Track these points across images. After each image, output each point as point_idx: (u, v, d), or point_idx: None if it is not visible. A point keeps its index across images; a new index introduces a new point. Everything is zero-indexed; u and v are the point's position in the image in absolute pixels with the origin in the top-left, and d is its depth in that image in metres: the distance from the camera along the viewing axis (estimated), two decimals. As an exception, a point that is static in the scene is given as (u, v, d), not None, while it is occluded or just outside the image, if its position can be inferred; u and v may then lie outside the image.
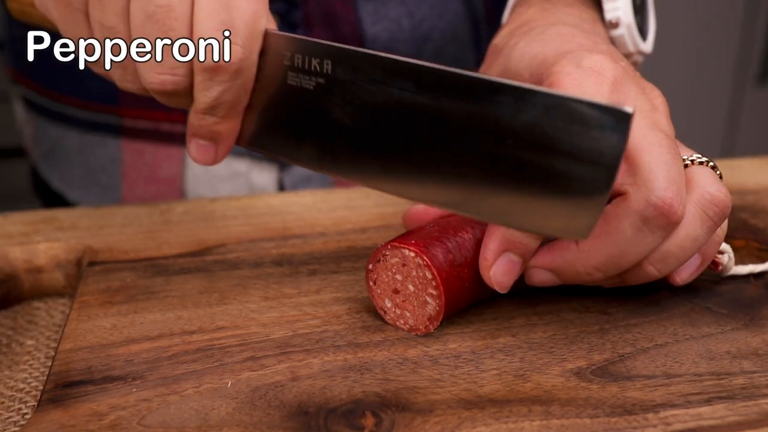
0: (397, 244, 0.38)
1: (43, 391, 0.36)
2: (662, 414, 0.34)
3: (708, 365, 0.37)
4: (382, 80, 0.35)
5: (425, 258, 0.37)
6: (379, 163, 0.36)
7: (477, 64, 0.68)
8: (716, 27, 1.98)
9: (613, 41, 0.49)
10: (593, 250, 0.37)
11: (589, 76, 0.37)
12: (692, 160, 0.39)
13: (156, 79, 0.37)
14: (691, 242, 0.37)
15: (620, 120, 0.30)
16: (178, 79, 0.38)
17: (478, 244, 0.39)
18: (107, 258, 0.47)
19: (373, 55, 0.35)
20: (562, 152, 0.31)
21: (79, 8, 0.39)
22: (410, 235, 0.39)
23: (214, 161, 0.41)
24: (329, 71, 0.36)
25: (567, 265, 0.38)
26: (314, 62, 0.37)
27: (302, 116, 0.38)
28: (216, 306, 0.42)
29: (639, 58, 0.51)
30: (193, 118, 0.39)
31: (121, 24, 0.38)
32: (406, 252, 0.38)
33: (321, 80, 0.37)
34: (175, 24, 0.36)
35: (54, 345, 0.43)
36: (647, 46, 0.51)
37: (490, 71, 0.44)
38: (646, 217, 0.36)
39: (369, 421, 0.34)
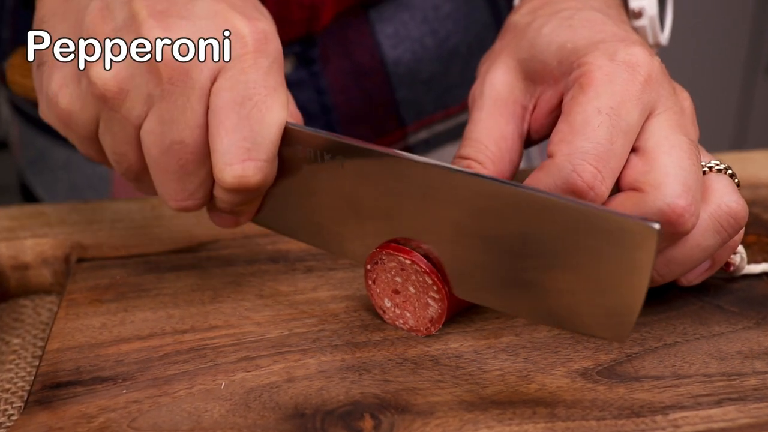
0: (392, 252, 0.38)
1: (29, 392, 0.36)
2: (671, 416, 0.34)
3: (719, 365, 0.37)
4: (394, 175, 0.36)
5: (422, 265, 0.37)
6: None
7: None
8: (726, 18, 1.97)
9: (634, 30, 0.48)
10: None
11: (622, 71, 0.36)
12: (710, 167, 0.38)
13: (175, 205, 0.39)
14: (700, 252, 0.37)
15: (649, 235, 0.30)
16: (198, 203, 0.39)
17: None
18: (96, 254, 0.47)
19: (385, 154, 0.36)
20: (587, 260, 0.32)
21: (85, 135, 0.39)
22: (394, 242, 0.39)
23: (236, 226, 0.42)
24: (342, 165, 0.38)
25: None
26: (326, 156, 0.38)
27: (317, 204, 0.40)
28: (209, 304, 0.42)
29: (654, 51, 0.51)
30: (216, 202, 0.40)
31: (133, 152, 0.38)
32: (402, 259, 0.37)
33: (333, 172, 0.38)
34: (191, 157, 0.37)
35: (41, 344, 0.43)
36: (664, 38, 0.50)
37: (512, 53, 0.42)
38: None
39: (367, 424, 0.33)
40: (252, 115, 0.36)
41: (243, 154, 0.36)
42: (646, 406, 0.34)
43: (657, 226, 0.30)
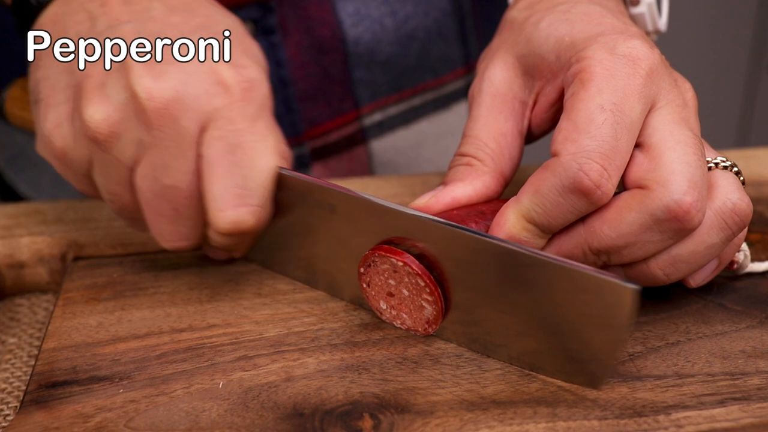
0: (384, 253, 0.38)
1: (25, 392, 0.36)
2: (674, 416, 0.34)
3: (722, 365, 0.37)
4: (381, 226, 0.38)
5: (414, 267, 0.37)
6: None
7: (464, 62, 0.68)
8: (730, 14, 1.97)
9: (632, 20, 0.48)
10: (599, 231, 0.36)
11: (623, 64, 0.36)
12: (716, 163, 0.38)
13: (169, 245, 0.40)
14: (705, 249, 0.37)
15: (627, 296, 0.32)
16: (192, 243, 0.40)
17: None
18: (93, 253, 0.47)
19: (374, 203, 0.37)
20: (568, 315, 0.34)
21: (80, 174, 0.40)
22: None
23: (230, 257, 0.43)
24: (333, 210, 0.39)
25: (574, 248, 0.37)
26: (317, 201, 0.39)
27: (310, 246, 0.41)
28: (207, 303, 0.42)
29: (654, 38, 0.51)
30: (210, 241, 0.41)
31: (126, 193, 0.40)
32: (395, 261, 0.37)
33: (326, 216, 0.39)
34: (185, 201, 0.38)
35: (37, 343, 0.43)
36: (663, 23, 0.50)
37: (510, 49, 0.43)
38: (658, 218, 0.35)
39: (367, 423, 0.33)
40: (242, 162, 0.38)
41: (236, 200, 0.38)
42: (649, 405, 0.34)
43: (635, 287, 0.32)
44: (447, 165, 0.42)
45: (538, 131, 0.42)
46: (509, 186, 0.42)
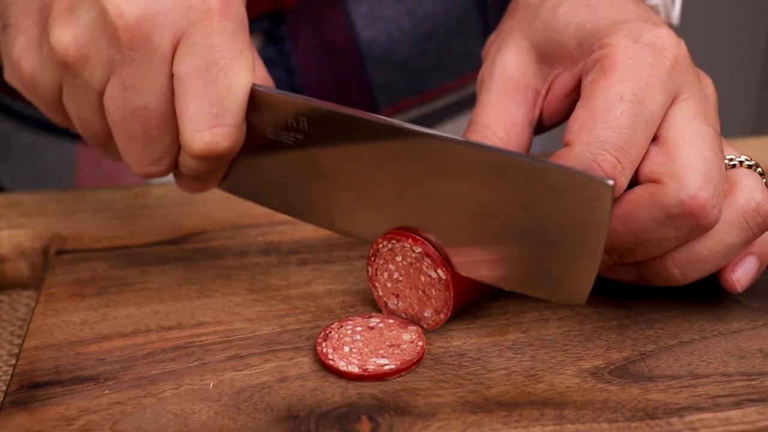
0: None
1: (6, 393, 0.36)
2: (688, 418, 0.34)
3: (738, 364, 0.37)
4: (359, 138, 0.38)
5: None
6: (357, 214, 0.40)
7: None
8: (745, 1, 1.97)
9: None
10: (611, 229, 0.36)
11: (648, 54, 0.36)
12: (740, 161, 0.38)
13: (141, 171, 0.40)
14: (724, 249, 0.37)
15: (602, 191, 0.32)
16: (164, 169, 0.40)
17: None
18: (77, 246, 0.47)
19: (348, 115, 0.37)
20: (547, 218, 0.34)
21: (49, 100, 0.40)
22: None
23: (203, 191, 0.43)
24: (305, 128, 0.39)
25: None
26: (290, 120, 0.39)
27: (283, 168, 0.41)
28: (196, 299, 0.42)
29: None
30: (182, 169, 0.40)
31: (97, 118, 0.40)
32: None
33: (299, 136, 0.39)
34: (156, 123, 0.38)
35: (18, 342, 0.43)
36: (675, 16, 0.50)
37: (525, 34, 0.42)
38: (671, 214, 0.35)
39: (365, 426, 0.33)
40: (218, 80, 0.37)
41: (211, 121, 0.37)
42: (661, 407, 0.34)
43: (610, 182, 0.32)
44: None
45: (550, 121, 0.42)
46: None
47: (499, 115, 0.41)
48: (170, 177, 0.42)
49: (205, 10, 0.37)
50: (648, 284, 0.39)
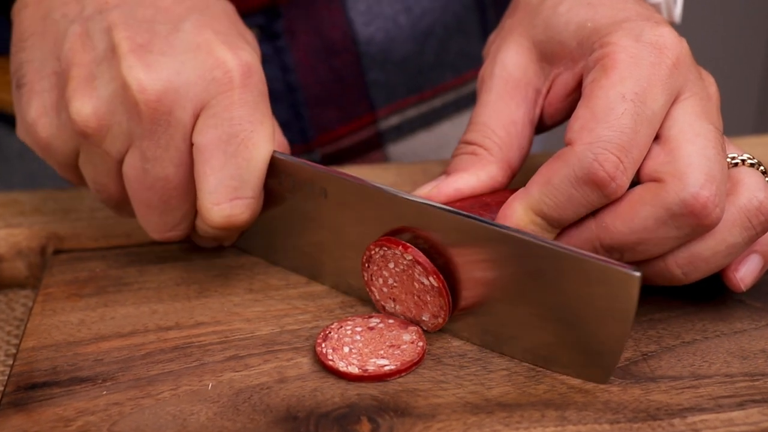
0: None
1: (3, 394, 0.36)
2: (690, 419, 0.34)
3: (741, 365, 0.37)
4: (375, 209, 0.38)
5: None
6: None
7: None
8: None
9: None
10: (611, 227, 0.36)
11: (649, 53, 0.36)
12: (743, 160, 0.38)
13: (159, 237, 0.41)
14: (726, 248, 0.37)
15: (629, 282, 0.33)
16: (181, 234, 0.41)
17: None
18: (74, 245, 0.47)
19: (364, 186, 0.38)
20: (575, 301, 0.35)
21: (65, 164, 0.41)
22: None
23: (218, 245, 0.44)
24: (326, 195, 0.39)
25: (584, 244, 0.37)
26: (307, 186, 0.40)
27: (299, 232, 0.42)
28: (195, 299, 0.42)
29: None
30: (196, 231, 0.41)
31: (114, 184, 0.40)
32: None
33: (317, 203, 0.40)
34: (174, 192, 0.39)
35: (15, 342, 0.43)
36: (677, 14, 0.50)
37: (525, 33, 0.42)
38: (673, 213, 0.35)
39: (365, 427, 0.33)
40: (239, 153, 0.38)
41: (231, 194, 0.38)
42: (663, 408, 0.34)
43: (638, 273, 0.33)
44: None
45: (551, 121, 0.42)
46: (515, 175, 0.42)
47: (500, 114, 0.41)
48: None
49: (227, 82, 0.38)
50: (649, 284, 0.39)
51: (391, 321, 0.39)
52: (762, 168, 0.39)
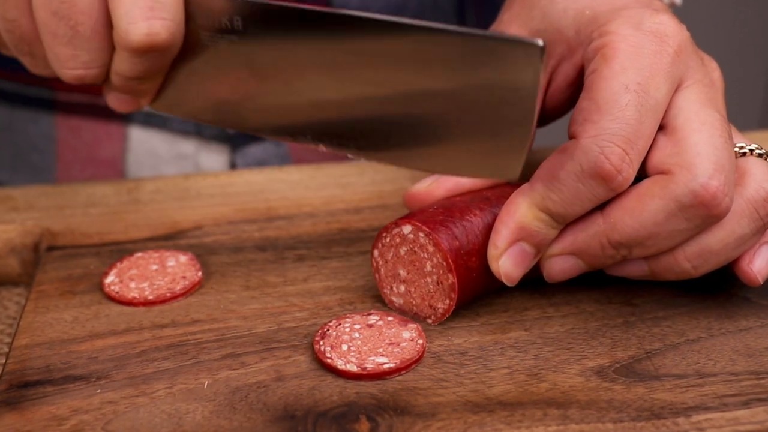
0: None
1: (-5, 393, 0.36)
2: (695, 418, 0.34)
3: (746, 363, 0.37)
4: (293, 29, 0.37)
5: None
6: (297, 118, 0.39)
7: None
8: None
9: None
10: (620, 222, 0.36)
11: (650, 41, 0.36)
12: (751, 150, 0.38)
13: (69, 74, 0.39)
14: (735, 240, 0.37)
15: (532, 53, 0.32)
16: (93, 74, 0.39)
17: (487, 228, 0.38)
18: (68, 242, 0.47)
19: (280, 6, 0.37)
20: (480, 88, 0.33)
21: None
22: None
23: (137, 109, 0.42)
24: (240, 28, 0.38)
25: (591, 240, 0.37)
26: (224, 20, 0.39)
27: (216, 76, 0.40)
28: (191, 296, 0.42)
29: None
30: (115, 79, 0.40)
31: (24, 18, 0.39)
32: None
33: (234, 38, 0.39)
34: (83, 18, 0.37)
35: (8, 340, 0.43)
36: None
37: (523, 25, 0.42)
38: (683, 204, 0.35)
39: (363, 426, 0.33)
40: None
41: (146, 13, 0.37)
42: (668, 407, 0.34)
43: (540, 42, 0.32)
44: None
45: (554, 113, 0.42)
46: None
47: None
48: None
49: None
50: (658, 279, 0.39)
51: (390, 318, 0.39)
52: None
